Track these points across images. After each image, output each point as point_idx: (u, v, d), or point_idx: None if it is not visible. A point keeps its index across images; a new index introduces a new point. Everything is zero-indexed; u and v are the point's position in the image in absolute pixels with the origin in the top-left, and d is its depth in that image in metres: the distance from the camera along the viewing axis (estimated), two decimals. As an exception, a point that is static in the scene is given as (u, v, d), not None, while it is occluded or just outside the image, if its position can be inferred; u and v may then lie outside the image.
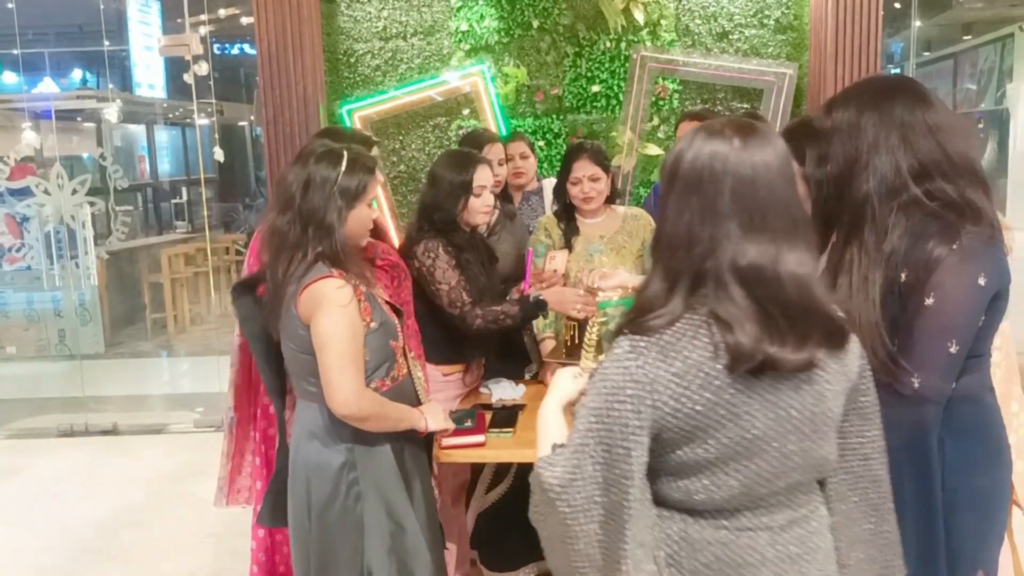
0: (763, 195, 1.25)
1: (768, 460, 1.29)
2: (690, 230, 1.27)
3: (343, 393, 1.95)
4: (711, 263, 1.25)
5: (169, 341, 8.14)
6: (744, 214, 1.24)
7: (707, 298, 1.25)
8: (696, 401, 1.24)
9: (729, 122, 1.31)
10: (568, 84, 4.55)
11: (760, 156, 1.26)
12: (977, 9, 7.99)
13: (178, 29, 7.33)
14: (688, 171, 1.28)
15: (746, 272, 1.24)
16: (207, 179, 7.64)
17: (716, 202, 1.25)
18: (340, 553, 2.06)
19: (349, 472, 2.04)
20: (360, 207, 2.06)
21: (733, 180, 1.25)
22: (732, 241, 1.24)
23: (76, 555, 3.72)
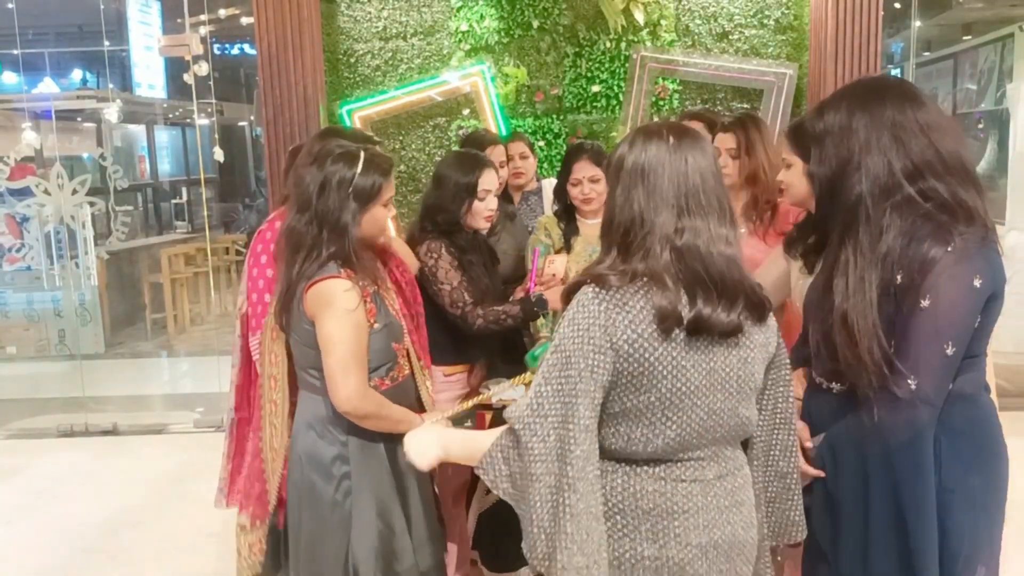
0: (695, 185, 1.51)
1: (699, 413, 1.50)
2: (636, 215, 1.51)
3: (345, 392, 2.00)
4: (652, 241, 1.49)
5: (169, 341, 8.14)
6: (680, 200, 1.50)
7: (651, 270, 1.48)
8: (646, 349, 1.46)
9: (666, 124, 1.58)
10: (568, 84, 4.55)
11: (692, 153, 1.52)
12: (977, 9, 7.99)
13: (178, 29, 7.33)
14: (632, 167, 1.54)
15: (682, 248, 1.48)
16: (207, 179, 7.64)
17: (657, 191, 1.51)
18: (327, 546, 2.08)
19: (342, 466, 2.08)
20: (375, 208, 2.08)
21: (670, 172, 1.51)
22: (671, 223, 1.49)
23: (76, 555, 3.72)
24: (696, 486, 1.53)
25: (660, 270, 1.47)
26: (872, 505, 1.66)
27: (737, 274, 1.50)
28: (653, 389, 1.47)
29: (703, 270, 1.47)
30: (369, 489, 2.08)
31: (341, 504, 2.07)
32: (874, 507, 1.66)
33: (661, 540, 1.52)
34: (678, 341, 1.46)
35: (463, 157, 2.81)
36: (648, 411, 1.49)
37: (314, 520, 2.10)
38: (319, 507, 2.09)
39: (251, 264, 2.44)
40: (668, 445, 1.50)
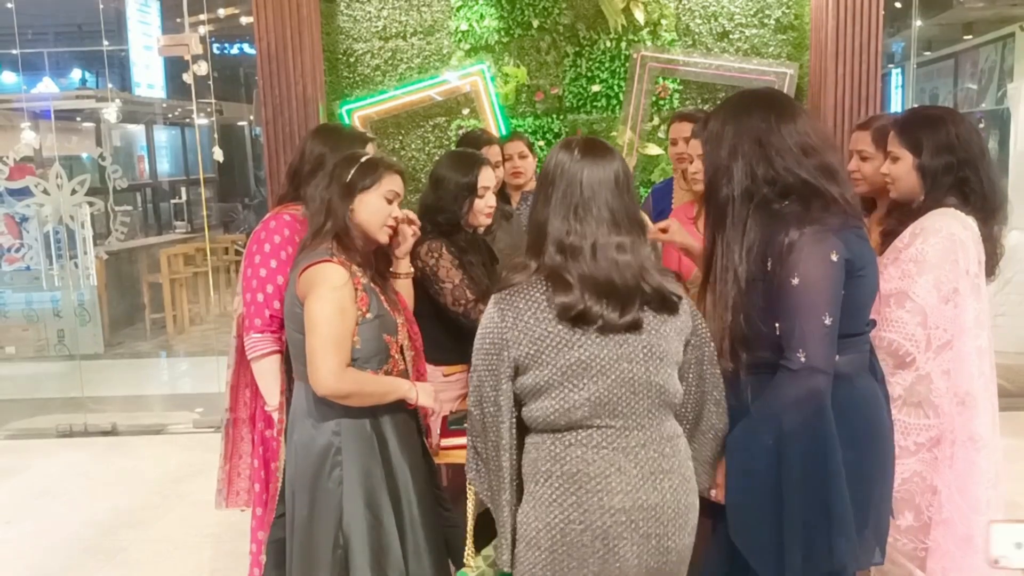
0: (587, 196, 1.70)
1: (607, 381, 1.67)
2: (539, 218, 1.74)
3: (321, 372, 2.02)
4: (547, 243, 1.71)
5: (168, 341, 8.14)
6: (570, 207, 1.70)
7: (546, 266, 1.70)
8: (535, 332, 1.68)
9: (580, 139, 1.77)
10: (568, 84, 4.55)
11: (592, 167, 1.72)
12: (978, 9, 7.98)
13: (177, 29, 7.32)
14: (543, 173, 1.76)
15: (568, 251, 1.69)
16: (206, 179, 7.65)
17: (553, 197, 1.72)
18: (319, 531, 2.12)
19: (335, 455, 2.12)
20: (369, 195, 2.15)
21: (566, 181, 1.71)
22: (561, 228, 1.70)
23: (76, 555, 3.72)
24: (618, 453, 1.68)
25: (554, 267, 1.68)
26: (786, 479, 1.79)
27: (631, 278, 1.68)
28: (552, 363, 1.67)
29: (590, 271, 1.66)
30: (360, 479, 2.12)
31: (333, 492, 2.11)
32: (788, 481, 1.79)
33: (585, 505, 1.67)
34: (571, 329, 1.67)
35: (460, 157, 2.81)
36: (555, 383, 1.68)
37: (307, 506, 2.14)
38: (312, 494, 2.13)
39: (246, 264, 2.43)
40: (582, 412, 1.68)
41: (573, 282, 1.66)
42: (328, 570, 2.11)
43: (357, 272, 2.12)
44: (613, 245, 1.68)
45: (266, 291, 2.37)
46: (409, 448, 2.22)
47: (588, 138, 1.76)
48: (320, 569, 2.12)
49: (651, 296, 1.69)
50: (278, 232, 2.41)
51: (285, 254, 2.38)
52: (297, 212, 2.46)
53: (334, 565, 2.10)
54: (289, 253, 2.38)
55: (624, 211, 1.71)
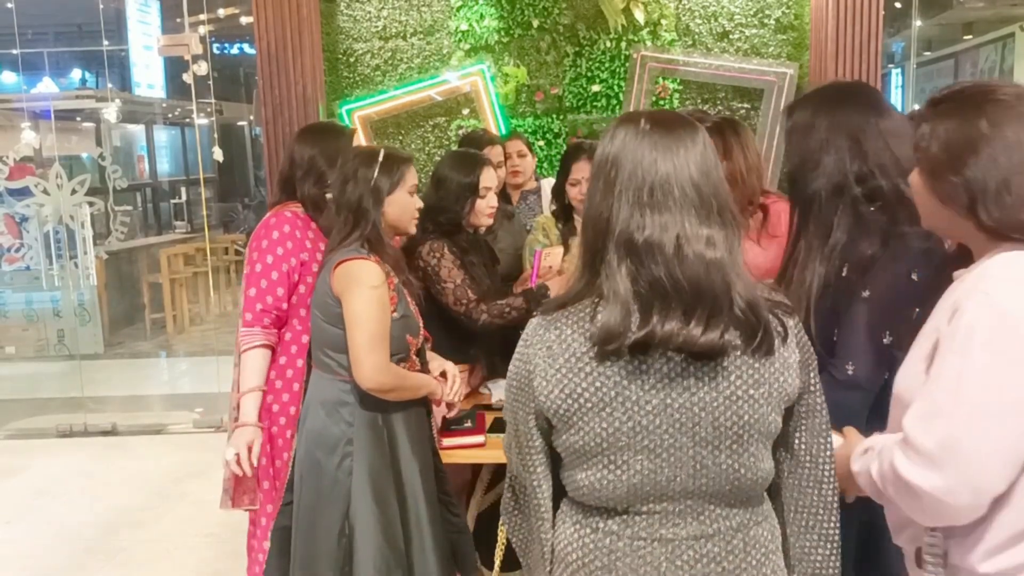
0: (664, 174, 1.23)
1: (655, 460, 1.23)
2: (595, 211, 1.28)
3: (367, 367, 2.08)
4: (609, 242, 1.24)
5: (168, 341, 8.13)
6: (642, 193, 1.23)
7: (604, 277, 1.25)
8: (571, 381, 1.24)
9: (648, 111, 1.33)
10: (568, 84, 4.55)
11: (667, 139, 1.26)
12: (978, 9, 7.98)
13: (177, 29, 7.32)
14: (599, 159, 1.30)
15: (641, 247, 1.22)
16: (206, 179, 7.65)
17: (615, 181, 1.26)
18: (324, 520, 2.15)
19: (346, 445, 2.15)
20: (399, 193, 2.21)
21: (632, 160, 1.25)
22: (629, 219, 1.23)
23: (76, 555, 3.72)
24: (658, 546, 1.26)
25: (614, 280, 1.22)
26: None
27: (720, 282, 1.21)
28: (585, 427, 1.24)
29: (666, 274, 1.20)
30: (368, 473, 2.14)
31: (342, 482, 2.15)
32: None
33: None
34: (619, 368, 1.22)
35: (461, 157, 2.81)
36: (586, 453, 1.26)
37: (314, 493, 2.17)
38: (320, 482, 2.16)
39: (247, 260, 2.46)
40: (617, 494, 1.26)
41: (638, 295, 1.21)
42: (332, 558, 2.14)
43: (390, 272, 2.18)
44: (702, 238, 1.22)
45: (259, 286, 2.38)
46: (420, 447, 2.25)
47: (659, 110, 1.41)
48: (324, 557, 2.14)
49: (742, 318, 1.22)
50: (277, 228, 2.42)
51: (283, 249, 2.40)
52: (298, 209, 2.48)
53: (338, 554, 2.13)
54: (287, 249, 2.40)
55: (714, 194, 1.25)
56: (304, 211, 2.48)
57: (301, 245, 2.42)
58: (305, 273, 2.41)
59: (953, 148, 1.29)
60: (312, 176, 2.45)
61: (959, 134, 1.29)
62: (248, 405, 2.37)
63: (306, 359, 2.38)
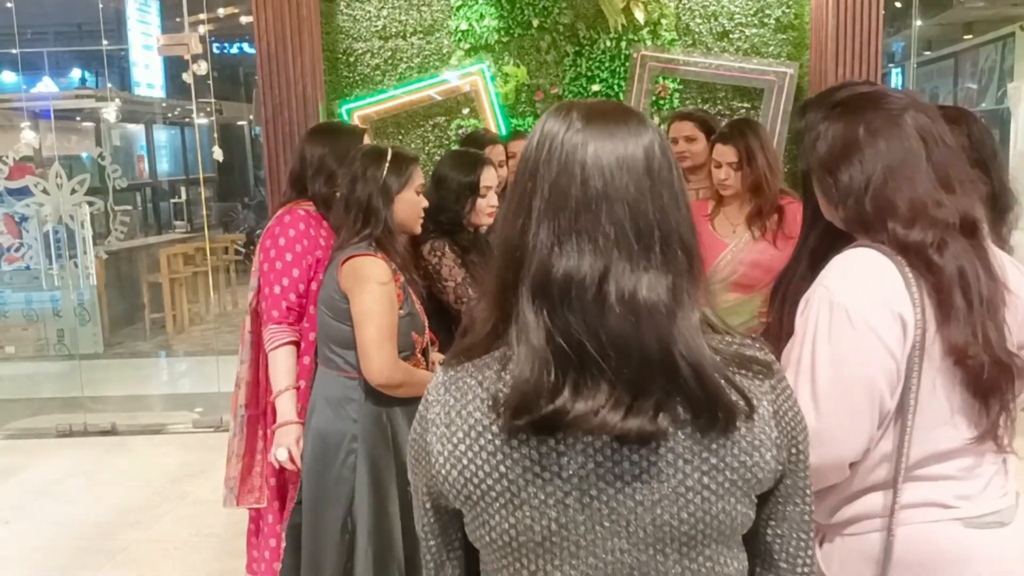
0: (595, 191, 0.92)
1: (579, 567, 0.95)
2: (507, 232, 0.97)
3: (377, 363, 2.10)
4: (522, 274, 0.94)
5: (168, 341, 8.13)
6: (563, 212, 0.93)
7: (515, 322, 0.95)
8: (465, 465, 0.95)
9: (583, 103, 0.99)
10: (568, 83, 4.54)
11: (605, 141, 0.94)
12: (978, 8, 7.99)
13: (177, 28, 7.33)
14: (522, 159, 1.00)
15: (555, 289, 0.91)
16: (206, 179, 7.64)
17: (532, 195, 0.95)
18: (328, 515, 2.18)
19: (351, 442, 2.18)
20: (407, 192, 2.23)
21: (557, 169, 0.94)
22: (545, 244, 0.93)
23: (75, 555, 3.71)
24: None
25: (525, 328, 0.92)
26: None
27: (656, 339, 0.90)
28: (490, 521, 0.96)
29: (583, 326, 0.90)
30: (372, 471, 2.16)
31: (346, 478, 2.17)
32: None
33: None
34: (531, 449, 0.93)
35: (462, 156, 2.82)
36: (497, 551, 0.98)
37: (319, 490, 2.19)
38: (325, 478, 2.18)
39: (262, 259, 2.46)
40: None
41: (553, 351, 0.91)
42: (335, 553, 2.17)
43: (396, 269, 2.20)
44: (636, 282, 0.91)
45: (282, 283, 2.40)
46: None
47: (598, 101, 1.03)
48: (328, 552, 2.17)
49: (686, 389, 0.91)
50: (293, 226, 2.43)
51: (301, 247, 2.41)
52: (311, 208, 2.50)
53: (341, 549, 2.16)
54: (304, 246, 2.41)
55: (660, 219, 0.94)
56: (315, 209, 2.49)
57: (315, 243, 2.44)
58: (319, 270, 2.43)
59: (833, 150, 1.40)
60: (323, 175, 2.47)
61: (840, 138, 1.40)
62: (286, 404, 2.39)
63: (313, 357, 2.39)
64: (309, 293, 2.43)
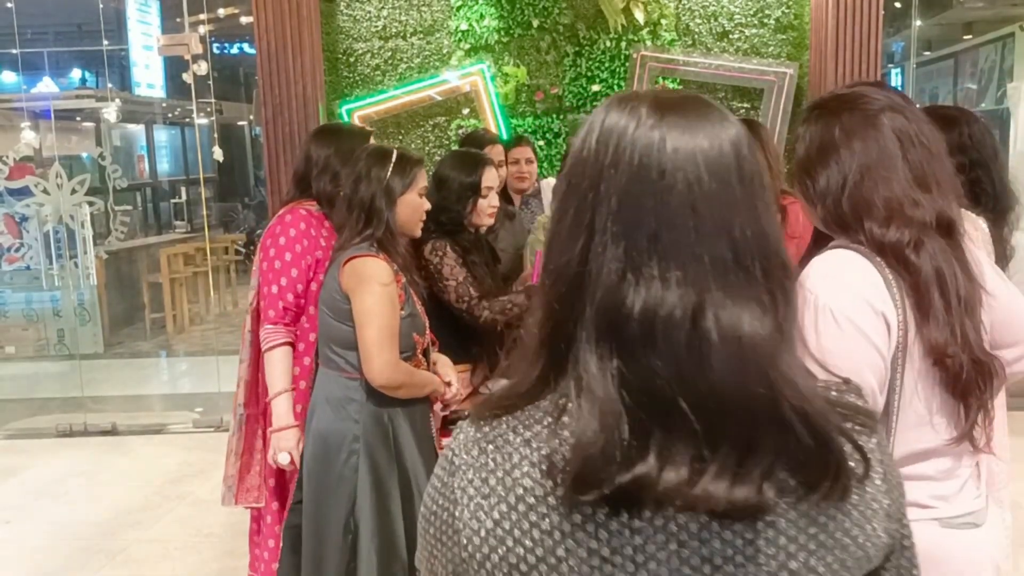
0: (680, 201, 0.73)
1: None
2: (561, 255, 0.77)
3: (379, 364, 2.10)
4: (581, 308, 0.74)
5: (168, 341, 8.13)
6: (638, 230, 0.73)
7: (573, 368, 0.75)
8: (510, 546, 0.74)
9: (650, 92, 0.80)
10: (568, 83, 4.55)
11: (686, 142, 0.74)
12: (978, 9, 7.99)
13: (177, 28, 7.33)
14: (572, 161, 0.79)
15: (632, 328, 0.71)
16: (206, 179, 7.65)
17: (595, 209, 0.75)
18: (331, 516, 2.18)
19: (353, 442, 2.18)
20: (410, 195, 2.23)
21: (628, 176, 0.74)
22: (610, 275, 0.73)
23: (75, 555, 3.71)
24: None
25: (589, 375, 0.72)
26: None
27: (764, 389, 0.71)
28: None
29: (673, 375, 0.71)
30: (372, 468, 2.16)
31: (348, 479, 2.17)
32: None
33: None
34: (597, 526, 0.72)
35: (463, 157, 2.82)
36: None
37: (321, 490, 2.19)
38: (327, 479, 2.18)
39: (261, 257, 2.46)
40: None
41: (628, 406, 0.72)
42: (338, 554, 2.16)
43: (397, 270, 2.20)
44: (739, 316, 0.72)
45: (280, 283, 2.40)
46: (424, 444, 2.27)
47: (663, 90, 0.86)
48: (330, 553, 2.17)
49: (798, 449, 0.72)
50: (293, 226, 2.44)
51: (301, 247, 2.42)
52: (312, 207, 2.50)
53: (344, 550, 2.16)
54: (304, 246, 2.42)
55: (757, 236, 0.75)
56: (318, 209, 2.50)
57: (316, 243, 2.44)
58: (319, 271, 2.43)
59: (810, 151, 1.41)
60: (327, 174, 2.48)
61: (816, 139, 1.41)
62: (282, 407, 2.39)
63: (313, 357, 2.39)
64: (308, 293, 2.43)
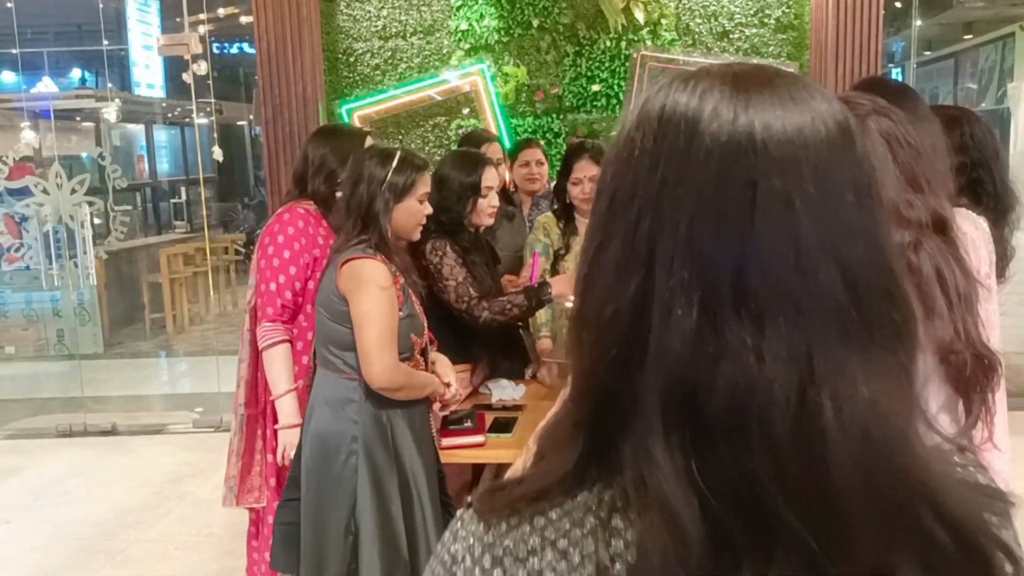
0: (777, 229, 0.51)
1: None
2: (603, 302, 0.55)
3: (379, 367, 2.09)
4: (638, 377, 0.53)
5: (168, 341, 8.12)
6: (720, 267, 0.52)
7: (629, 455, 0.54)
8: None
9: (723, 67, 0.57)
10: (568, 83, 4.54)
11: (783, 137, 0.52)
12: (978, 8, 7.99)
13: (177, 28, 7.32)
14: (618, 169, 0.57)
15: (715, 410, 0.51)
16: (206, 179, 7.64)
17: (656, 239, 0.53)
18: (330, 518, 2.17)
19: (351, 444, 2.17)
20: (409, 201, 2.21)
21: (704, 190, 0.52)
22: (680, 332, 0.52)
23: (75, 555, 3.71)
24: None
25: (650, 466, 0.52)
26: None
27: (897, 484, 0.51)
28: None
29: (773, 475, 0.50)
30: (372, 469, 2.16)
31: (348, 480, 2.16)
32: None
33: None
34: None
35: (463, 157, 2.82)
36: None
37: (321, 491, 2.18)
38: (326, 480, 2.17)
39: (259, 255, 2.47)
40: None
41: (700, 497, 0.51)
42: (339, 556, 2.15)
43: (396, 272, 2.19)
44: (859, 384, 0.51)
45: (278, 280, 2.41)
46: (423, 445, 2.26)
47: (742, 63, 0.57)
48: (331, 554, 2.16)
49: (943, 555, 0.51)
50: (291, 224, 2.44)
51: (299, 245, 2.43)
52: (310, 207, 2.50)
53: (345, 551, 2.15)
54: (302, 244, 2.43)
55: (878, 263, 0.54)
56: (316, 208, 2.50)
57: (313, 242, 2.45)
58: (316, 270, 2.43)
59: None
60: (323, 174, 2.48)
61: None
62: (289, 406, 2.41)
63: (311, 356, 2.39)
64: (306, 292, 2.44)
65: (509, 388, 2.80)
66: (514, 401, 2.72)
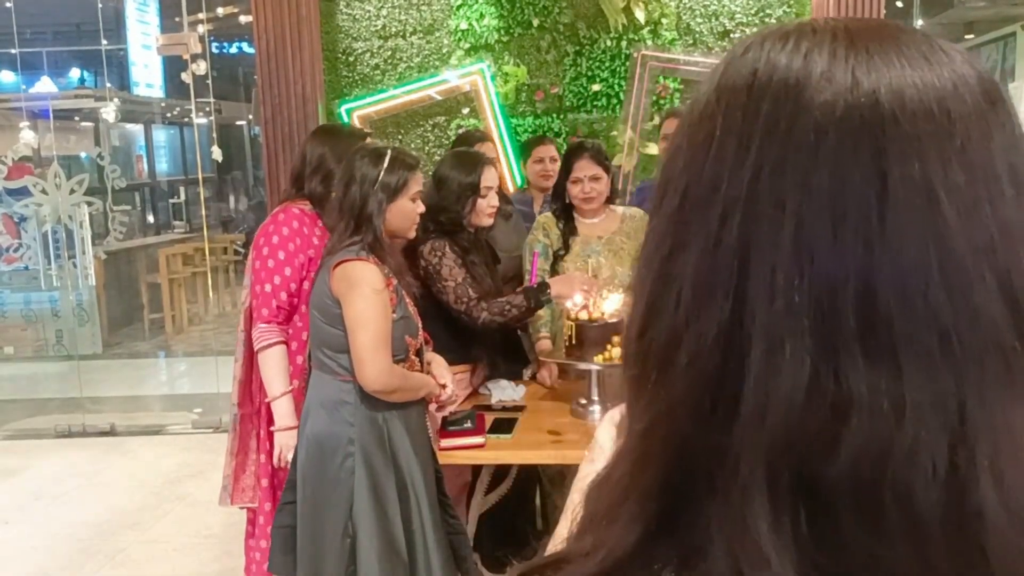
0: (916, 241, 0.37)
1: None
2: (678, 329, 0.41)
3: (373, 370, 2.08)
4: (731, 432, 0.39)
5: (167, 341, 8.12)
6: (842, 298, 0.38)
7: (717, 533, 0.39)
8: None
9: (837, 19, 0.44)
10: (568, 83, 4.53)
11: (917, 90, 0.39)
12: (979, 8, 7.99)
13: (176, 28, 7.32)
14: (692, 154, 0.44)
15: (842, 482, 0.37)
16: (205, 178, 7.62)
17: (746, 245, 0.39)
18: (328, 521, 2.16)
19: (348, 445, 2.16)
20: (402, 200, 2.19)
21: (816, 183, 0.38)
22: (800, 378, 0.38)
23: (74, 556, 3.70)
24: None
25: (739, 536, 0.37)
26: None
27: None
28: None
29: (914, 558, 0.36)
30: (368, 471, 2.15)
31: (344, 482, 2.15)
32: None
33: None
34: None
35: (462, 157, 2.81)
36: None
37: (317, 494, 2.18)
38: (323, 482, 2.17)
39: (254, 256, 2.47)
40: None
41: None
42: (337, 558, 2.15)
43: (389, 273, 2.18)
44: (1014, 455, 0.36)
45: (273, 282, 2.41)
46: (420, 446, 2.26)
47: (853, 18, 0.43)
48: (329, 557, 2.16)
49: None
50: (286, 224, 2.44)
51: (293, 245, 2.42)
52: (305, 206, 2.50)
53: (343, 554, 2.14)
54: (297, 245, 2.42)
55: None
56: (311, 208, 2.50)
57: (308, 242, 2.44)
58: (311, 270, 2.43)
59: None
60: (319, 174, 2.48)
61: None
62: (284, 408, 2.40)
63: (306, 357, 2.39)
64: (301, 292, 2.43)
65: (509, 389, 2.79)
66: (514, 402, 2.72)
